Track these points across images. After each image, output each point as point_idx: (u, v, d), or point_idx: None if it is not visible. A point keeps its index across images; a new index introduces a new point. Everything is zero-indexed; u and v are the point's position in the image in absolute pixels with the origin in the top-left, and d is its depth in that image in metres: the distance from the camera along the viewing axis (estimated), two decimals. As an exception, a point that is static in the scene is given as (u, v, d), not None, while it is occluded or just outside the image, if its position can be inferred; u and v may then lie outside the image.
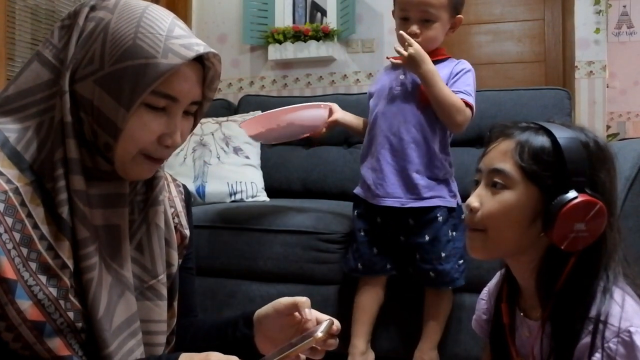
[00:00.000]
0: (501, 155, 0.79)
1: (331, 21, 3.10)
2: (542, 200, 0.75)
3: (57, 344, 0.64)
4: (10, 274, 0.60)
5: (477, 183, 0.83)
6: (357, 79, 3.18)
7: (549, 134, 0.77)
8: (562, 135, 0.76)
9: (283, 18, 3.16)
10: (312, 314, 0.76)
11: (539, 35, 3.12)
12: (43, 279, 0.63)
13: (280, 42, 3.12)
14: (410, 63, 1.35)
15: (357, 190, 1.56)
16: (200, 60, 0.71)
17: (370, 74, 3.16)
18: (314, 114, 1.49)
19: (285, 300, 0.78)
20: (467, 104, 1.37)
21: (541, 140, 0.77)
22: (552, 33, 3.10)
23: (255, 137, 1.54)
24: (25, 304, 0.61)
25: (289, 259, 1.64)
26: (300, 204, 1.97)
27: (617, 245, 0.77)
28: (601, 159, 0.77)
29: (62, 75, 0.66)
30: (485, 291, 1.00)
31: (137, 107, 0.65)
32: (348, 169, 2.22)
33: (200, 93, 0.72)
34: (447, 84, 1.39)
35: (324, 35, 3.06)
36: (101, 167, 0.69)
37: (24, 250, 0.62)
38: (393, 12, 1.50)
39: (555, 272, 0.77)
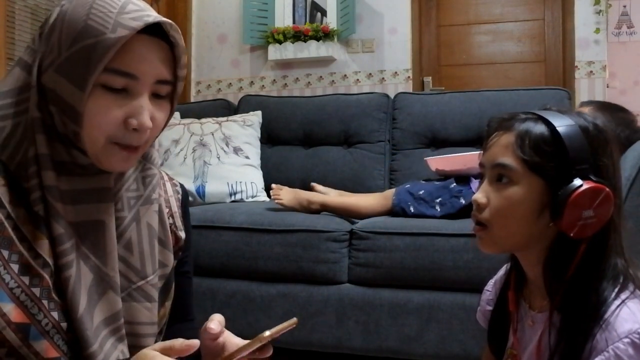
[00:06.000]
0: (503, 149, 0.78)
1: (331, 21, 3.10)
2: (548, 191, 0.74)
3: (44, 346, 0.63)
4: None
5: (482, 177, 0.82)
6: (357, 79, 3.18)
7: (548, 124, 0.75)
8: (561, 123, 0.74)
9: (283, 18, 3.16)
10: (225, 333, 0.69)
11: (539, 35, 3.12)
12: (25, 280, 0.62)
13: (280, 42, 3.12)
14: None
15: None
16: (166, 39, 0.68)
17: (370, 74, 3.16)
18: None
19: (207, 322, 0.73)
20: None
21: (541, 131, 0.75)
22: (552, 33, 3.10)
23: (437, 171, 1.78)
24: (8, 307, 0.61)
25: (289, 259, 1.64)
26: (300, 204, 1.97)
27: (622, 230, 0.77)
28: (602, 143, 0.75)
29: (32, 72, 0.65)
30: (491, 282, 0.99)
31: (94, 88, 0.63)
32: (348, 169, 2.21)
33: (166, 72, 0.68)
34: None
35: (324, 35, 3.06)
36: (80, 161, 0.68)
37: (5, 253, 0.62)
38: None
39: (563, 262, 0.76)
